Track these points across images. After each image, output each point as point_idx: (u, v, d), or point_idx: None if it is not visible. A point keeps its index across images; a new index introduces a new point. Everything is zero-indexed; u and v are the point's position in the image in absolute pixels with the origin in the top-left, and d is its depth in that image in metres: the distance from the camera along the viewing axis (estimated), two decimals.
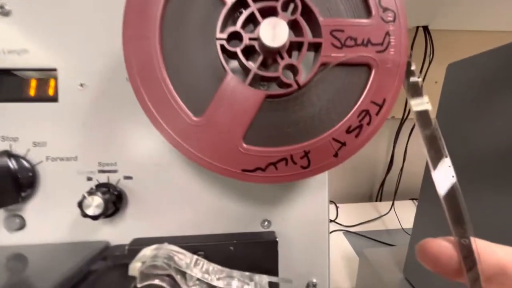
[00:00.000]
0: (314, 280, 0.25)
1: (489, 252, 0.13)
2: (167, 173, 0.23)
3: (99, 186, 0.22)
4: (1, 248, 0.22)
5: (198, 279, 0.19)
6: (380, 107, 0.17)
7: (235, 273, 0.20)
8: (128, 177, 0.23)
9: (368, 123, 0.17)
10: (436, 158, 0.14)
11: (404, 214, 0.82)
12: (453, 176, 0.14)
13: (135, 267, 0.18)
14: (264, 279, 0.20)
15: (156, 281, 0.18)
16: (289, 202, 0.24)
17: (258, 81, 0.17)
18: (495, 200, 0.32)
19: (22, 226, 0.23)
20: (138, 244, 0.21)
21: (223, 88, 0.16)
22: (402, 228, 0.76)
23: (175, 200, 0.23)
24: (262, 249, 0.22)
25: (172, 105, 0.16)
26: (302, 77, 0.17)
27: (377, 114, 0.17)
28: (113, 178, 0.23)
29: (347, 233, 0.76)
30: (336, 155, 0.17)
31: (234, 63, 0.18)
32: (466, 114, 0.40)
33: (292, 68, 0.17)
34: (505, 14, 0.63)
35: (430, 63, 0.85)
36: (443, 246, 0.14)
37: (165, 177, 0.23)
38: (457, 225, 0.13)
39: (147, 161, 0.23)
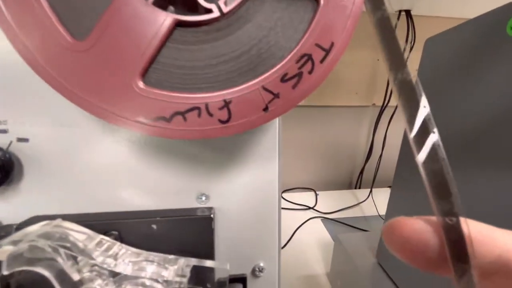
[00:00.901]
0: (262, 264, 0.22)
1: (487, 239, 0.09)
2: (75, 135, 0.18)
3: None
4: None
5: (95, 265, 0.15)
6: (327, 52, 0.14)
7: (156, 257, 0.16)
8: (23, 139, 0.18)
9: (310, 72, 0.14)
10: (408, 107, 0.10)
11: (382, 201, 0.83)
12: (434, 132, 0.09)
13: (5, 250, 0.14)
14: (192, 262, 0.17)
15: (38, 268, 0.14)
16: (231, 173, 0.20)
17: (167, 2, 0.13)
18: (475, 174, 0.31)
19: None
20: (35, 223, 0.16)
21: (117, 4, 0.12)
22: (379, 215, 0.77)
23: (86, 169, 0.19)
24: (193, 228, 0.19)
25: (40, 19, 0.11)
26: (229, 3, 0.13)
27: (321, 61, 0.14)
28: (2, 141, 0.18)
29: (325, 220, 0.77)
30: (266, 108, 0.13)
31: None
32: (442, 87, 0.39)
33: None
34: (486, 2, 0.62)
35: (411, 49, 0.84)
36: (418, 228, 0.10)
37: (73, 141, 0.18)
38: (440, 199, 0.09)
39: (48, 119, 0.18)
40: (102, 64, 0.12)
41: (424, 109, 0.10)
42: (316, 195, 0.91)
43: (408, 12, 0.80)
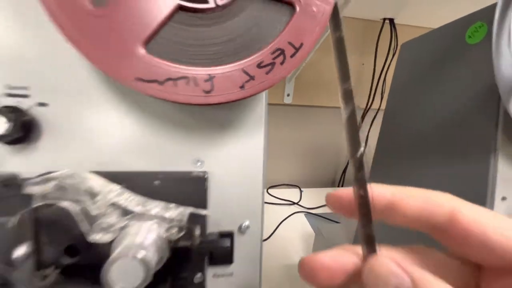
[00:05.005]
0: (247, 223, 0.25)
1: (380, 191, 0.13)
2: (91, 103, 0.21)
3: (5, 107, 0.19)
4: None
5: (112, 204, 0.18)
6: (296, 50, 0.17)
7: (159, 204, 0.19)
8: (42, 104, 0.20)
9: (281, 63, 0.17)
10: (348, 102, 0.14)
11: None
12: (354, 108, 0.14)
13: (40, 189, 0.16)
14: (189, 210, 0.20)
15: (64, 203, 0.16)
16: (223, 142, 0.23)
17: None
18: (437, 172, 0.36)
19: None
20: None
21: None
22: None
23: (98, 133, 0.21)
24: (190, 185, 0.22)
25: None
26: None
27: (291, 56, 0.17)
28: (24, 104, 0.20)
29: (308, 214, 0.82)
30: (242, 87, 0.17)
31: None
32: (411, 87, 0.44)
33: None
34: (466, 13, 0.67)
35: (393, 55, 0.88)
36: (325, 262, 0.13)
37: (88, 107, 0.21)
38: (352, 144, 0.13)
39: (67, 87, 0.20)
40: (114, 29, 0.15)
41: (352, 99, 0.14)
42: (301, 191, 0.96)
43: (391, 21, 0.84)
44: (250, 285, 0.24)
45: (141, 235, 0.16)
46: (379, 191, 0.14)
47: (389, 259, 0.12)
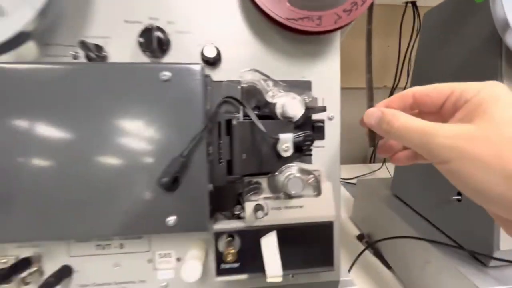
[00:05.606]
0: (332, 114, 0.38)
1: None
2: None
3: None
4: None
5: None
6: (362, 3, 0.31)
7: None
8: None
9: (356, 9, 0.31)
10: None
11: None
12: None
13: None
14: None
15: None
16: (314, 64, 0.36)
17: None
18: None
19: None
20: None
21: None
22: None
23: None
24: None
25: None
26: None
27: (361, 5, 0.31)
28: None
29: (345, 184, 0.93)
30: (335, 22, 0.31)
31: None
32: (434, 52, 0.55)
33: None
34: None
35: (417, 35, 0.99)
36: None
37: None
38: None
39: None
40: None
41: None
42: None
43: (414, 4, 0.94)
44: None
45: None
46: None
47: (375, 108, 0.25)
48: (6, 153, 0.25)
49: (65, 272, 0.32)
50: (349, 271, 0.49)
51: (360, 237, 0.64)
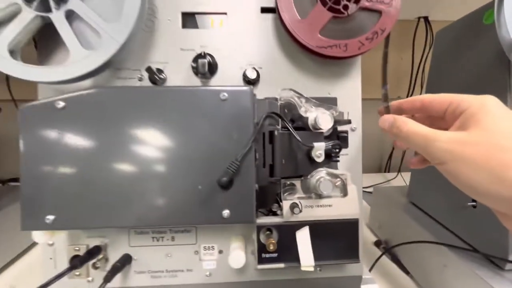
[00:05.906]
0: (354, 126, 0.42)
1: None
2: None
3: None
4: None
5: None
6: (382, 31, 0.37)
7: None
8: None
9: (376, 38, 0.37)
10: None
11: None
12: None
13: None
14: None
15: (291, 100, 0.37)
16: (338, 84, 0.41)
17: None
18: None
19: None
20: None
21: None
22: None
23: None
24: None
25: None
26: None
27: (380, 34, 0.37)
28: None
29: (362, 192, 0.94)
30: (359, 48, 0.37)
31: None
32: (446, 69, 0.59)
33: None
34: None
35: (430, 48, 1.03)
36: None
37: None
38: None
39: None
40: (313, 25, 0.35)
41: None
42: None
43: (426, 18, 0.99)
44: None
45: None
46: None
47: (389, 115, 0.29)
48: (92, 157, 0.31)
49: (126, 259, 0.38)
50: (370, 270, 0.53)
51: (377, 243, 0.67)
